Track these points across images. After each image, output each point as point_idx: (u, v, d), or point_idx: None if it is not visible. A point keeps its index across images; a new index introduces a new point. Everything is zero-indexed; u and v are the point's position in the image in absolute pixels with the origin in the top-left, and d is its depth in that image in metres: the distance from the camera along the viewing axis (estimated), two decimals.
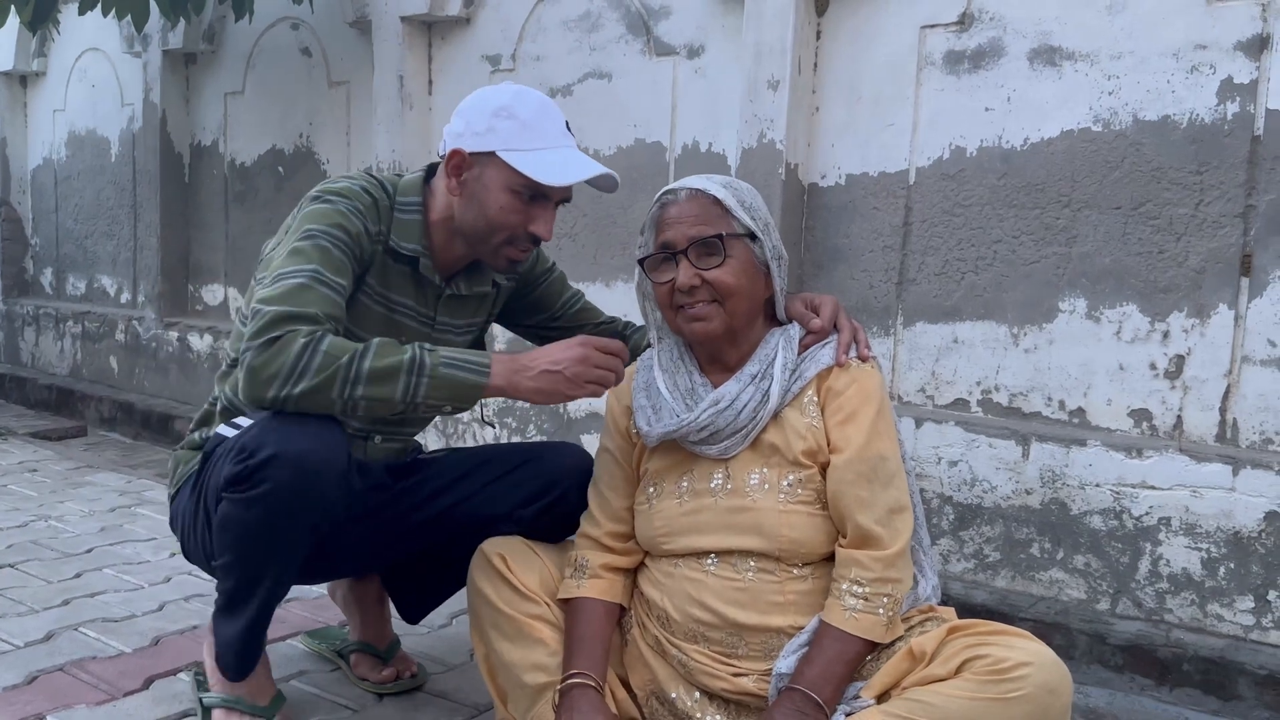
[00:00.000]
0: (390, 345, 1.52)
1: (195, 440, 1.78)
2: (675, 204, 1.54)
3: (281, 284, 1.53)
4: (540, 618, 1.59)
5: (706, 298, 1.52)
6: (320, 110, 4.04)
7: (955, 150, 2.57)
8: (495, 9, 3.45)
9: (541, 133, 1.64)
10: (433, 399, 1.52)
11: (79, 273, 5.32)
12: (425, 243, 1.73)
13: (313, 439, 1.50)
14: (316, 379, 1.46)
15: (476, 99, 1.68)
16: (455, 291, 1.80)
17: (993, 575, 2.49)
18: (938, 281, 2.62)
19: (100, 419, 4.67)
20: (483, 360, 1.54)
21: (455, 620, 2.32)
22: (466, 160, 1.65)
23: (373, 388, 1.48)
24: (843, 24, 2.74)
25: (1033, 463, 2.42)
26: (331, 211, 1.63)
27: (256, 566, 1.60)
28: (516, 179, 1.62)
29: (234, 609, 1.65)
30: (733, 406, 1.52)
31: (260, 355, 1.47)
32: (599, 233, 3.24)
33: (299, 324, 1.48)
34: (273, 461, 1.48)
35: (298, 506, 1.52)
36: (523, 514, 1.77)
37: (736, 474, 1.53)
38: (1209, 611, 2.22)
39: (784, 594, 1.48)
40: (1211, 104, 2.24)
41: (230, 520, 1.55)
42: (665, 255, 1.54)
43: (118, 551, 2.72)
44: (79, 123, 5.19)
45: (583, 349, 1.55)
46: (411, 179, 1.76)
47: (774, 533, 1.48)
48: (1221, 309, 2.25)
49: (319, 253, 1.58)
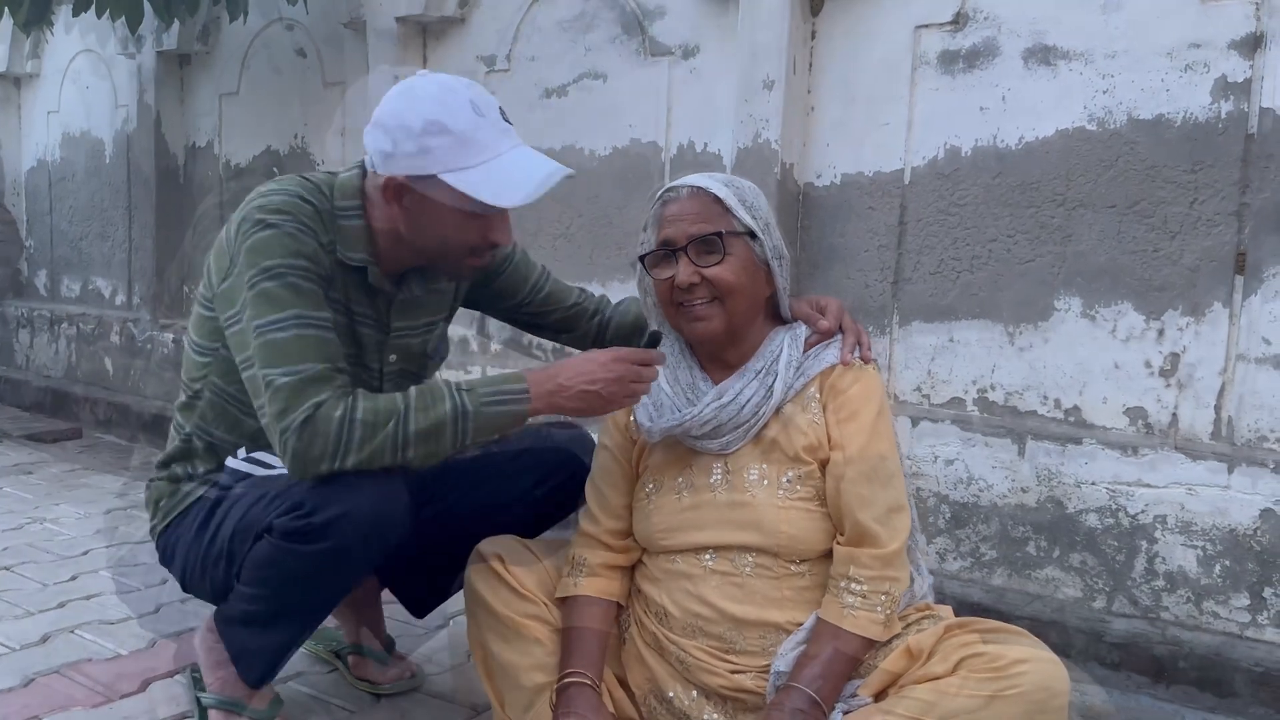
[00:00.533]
0: (426, 396, 1.48)
1: (178, 473, 1.74)
2: (676, 201, 1.54)
3: (270, 341, 1.48)
4: (537, 618, 1.59)
5: (706, 296, 1.52)
6: (315, 111, 4.04)
7: (950, 150, 2.58)
8: (490, 9, 3.45)
9: (480, 143, 1.52)
10: (480, 438, 1.52)
11: (74, 274, 5.31)
12: (371, 249, 1.63)
13: (377, 494, 1.50)
14: (364, 452, 1.45)
15: (397, 109, 1.53)
16: (409, 295, 1.72)
17: (989, 573, 2.49)
18: (933, 281, 2.62)
19: (96, 421, 4.66)
20: (519, 386, 1.52)
21: (452, 621, 2.32)
22: (405, 185, 1.55)
23: (422, 447, 1.47)
24: (837, 24, 2.75)
25: (1029, 461, 2.43)
26: (283, 238, 1.53)
27: (296, 605, 1.61)
28: (465, 199, 1.53)
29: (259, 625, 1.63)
30: (735, 401, 1.52)
31: (300, 441, 1.44)
32: (594, 233, 3.24)
33: (318, 391, 1.45)
34: (341, 520, 1.48)
35: (360, 561, 1.55)
36: (536, 494, 1.78)
37: (736, 470, 1.53)
38: (1205, 609, 2.23)
39: (782, 590, 1.49)
40: (1206, 103, 2.24)
41: (277, 564, 1.54)
42: (665, 252, 1.54)
43: (114, 554, 2.72)
44: (73, 124, 5.18)
45: (621, 368, 1.52)
46: (347, 179, 1.64)
47: (772, 529, 1.48)
48: (1216, 307, 2.25)
49: (291, 292, 1.51)
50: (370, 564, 1.57)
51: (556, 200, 3.30)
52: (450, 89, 1.54)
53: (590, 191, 3.24)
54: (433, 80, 1.56)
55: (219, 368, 1.67)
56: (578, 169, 3.25)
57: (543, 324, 2.00)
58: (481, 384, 1.52)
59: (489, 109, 1.56)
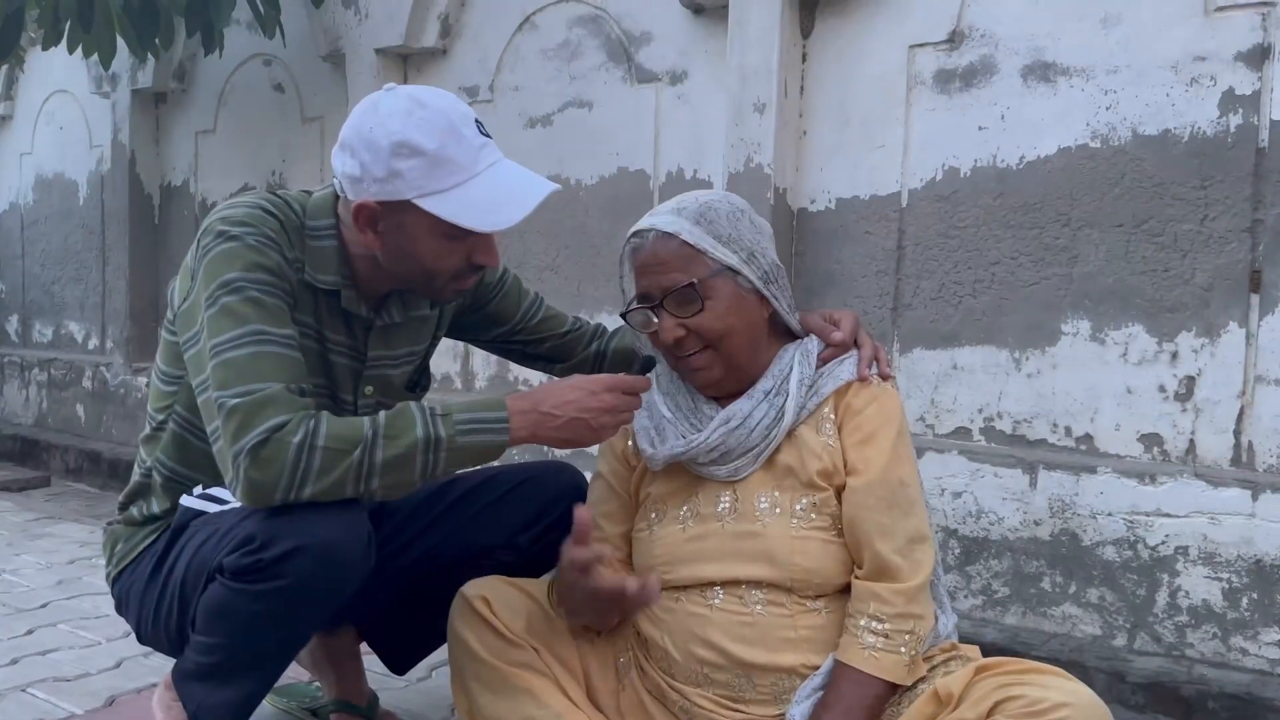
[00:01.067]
0: (396, 421, 1.35)
1: (134, 516, 1.61)
2: (641, 250, 1.44)
3: (226, 360, 1.35)
4: (528, 665, 1.45)
5: (697, 346, 1.42)
6: (293, 146, 3.95)
7: (948, 171, 2.50)
8: (472, 40, 3.38)
9: (455, 163, 1.40)
10: (452, 468, 1.39)
11: (46, 319, 5.17)
12: (345, 271, 1.51)
13: (335, 525, 1.35)
14: (324, 482, 1.31)
15: (364, 128, 1.41)
16: (388, 321, 1.59)
17: (1002, 612, 2.37)
18: (934, 306, 2.53)
19: (66, 469, 4.50)
20: (499, 415, 1.39)
21: (435, 672, 2.17)
22: (378, 211, 1.43)
23: (388, 478, 1.34)
24: (829, 46, 2.68)
25: (1041, 492, 2.32)
26: (243, 250, 1.41)
27: (254, 652, 1.44)
28: (444, 224, 1.41)
29: (217, 679, 1.47)
30: (745, 425, 1.41)
31: (253, 467, 1.30)
32: (582, 264, 3.14)
33: (276, 412, 1.31)
34: (294, 555, 1.33)
35: (319, 600, 1.38)
36: (520, 540, 1.65)
37: (745, 497, 1.41)
38: (1232, 645, 2.11)
39: (796, 629, 1.36)
40: (1213, 116, 2.17)
41: (229, 608, 1.39)
42: (644, 308, 1.44)
43: (75, 606, 2.56)
44: (46, 166, 5.07)
45: (613, 398, 1.41)
46: (321, 199, 1.54)
47: (786, 561, 1.36)
48: (1232, 327, 2.16)
49: (252, 307, 1.38)
50: (331, 603, 1.41)
51: (542, 232, 3.20)
52: (420, 103, 1.42)
53: (577, 222, 3.14)
54: (401, 94, 1.43)
55: (184, 397, 1.55)
56: (565, 199, 3.16)
57: (535, 353, 1.88)
58: (458, 409, 1.39)
59: (464, 122, 1.43)
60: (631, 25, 3.02)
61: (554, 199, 2.63)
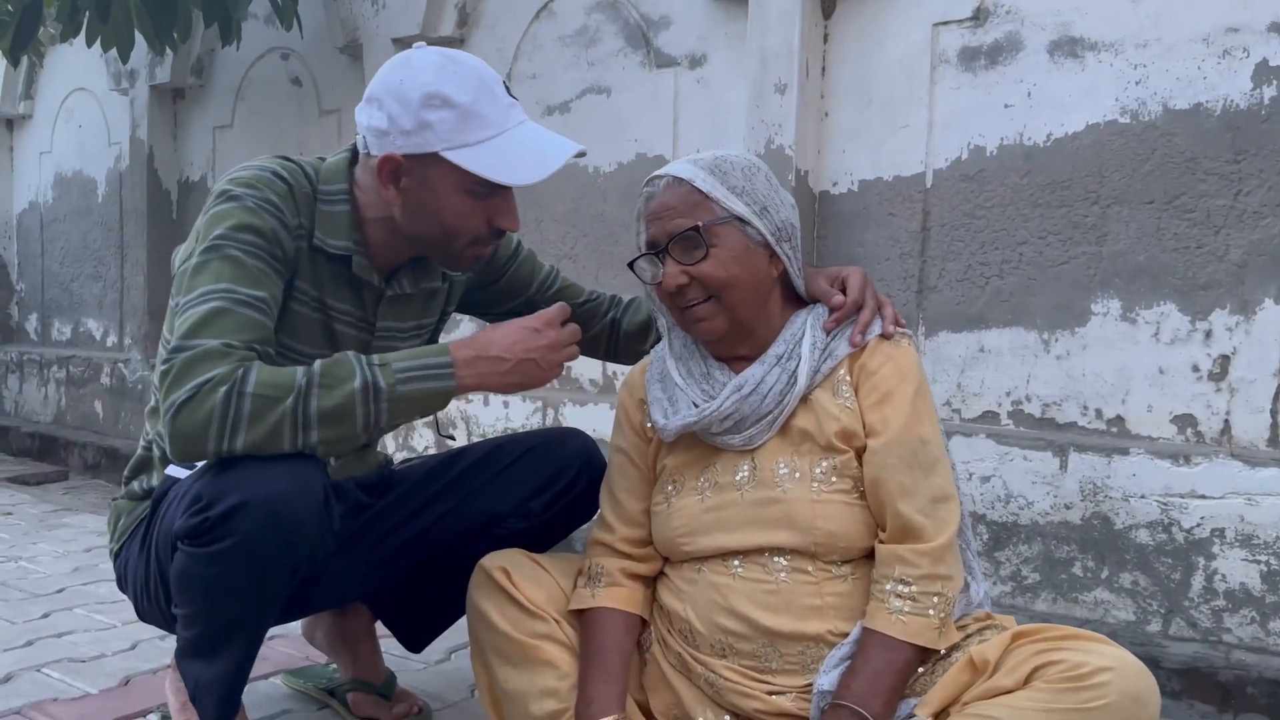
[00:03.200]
0: (332, 369, 1.30)
1: (135, 490, 1.58)
2: (655, 196, 1.40)
3: (189, 316, 1.31)
4: (549, 637, 1.42)
5: (700, 295, 1.38)
6: (311, 139, 3.94)
7: (974, 150, 2.45)
8: (490, 28, 3.36)
9: (485, 117, 1.38)
10: (399, 420, 1.34)
11: (65, 317, 5.18)
12: (357, 237, 1.49)
13: (284, 477, 1.28)
14: (256, 432, 1.26)
15: (393, 82, 1.39)
16: (398, 291, 1.56)
17: (1032, 598, 2.31)
18: (960, 288, 2.48)
19: (84, 465, 4.50)
20: (442, 360, 1.35)
21: (454, 655, 2.14)
22: (403, 165, 1.40)
23: (328, 429, 1.28)
24: (850, 26, 2.64)
25: (1071, 475, 2.26)
26: (237, 210, 1.39)
27: (227, 619, 1.39)
28: (470, 179, 1.39)
29: (206, 654, 1.43)
30: (758, 391, 1.37)
31: (178, 417, 1.25)
32: (600, 251, 3.11)
33: (212, 365, 1.26)
34: (239, 511, 1.27)
35: (272, 559, 1.32)
36: (532, 505, 1.61)
37: (763, 465, 1.37)
38: (1271, 629, 2.05)
39: (821, 596, 1.32)
40: (1247, 89, 2.12)
41: (189, 575, 1.34)
42: (651, 254, 1.40)
43: (90, 590, 2.54)
44: (65, 164, 5.08)
45: (553, 332, 1.40)
46: (335, 163, 1.51)
47: (808, 525, 1.32)
48: (1267, 304, 2.11)
49: (229, 265, 1.35)
50: (291, 561, 1.33)
51: (559, 220, 3.18)
52: (451, 59, 1.41)
53: (595, 209, 3.11)
54: (431, 51, 1.42)
55: None
56: (583, 186, 3.14)
57: None
58: (398, 358, 1.34)
59: (494, 81, 1.43)
60: (650, 9, 2.99)
61: (572, 187, 2.61)
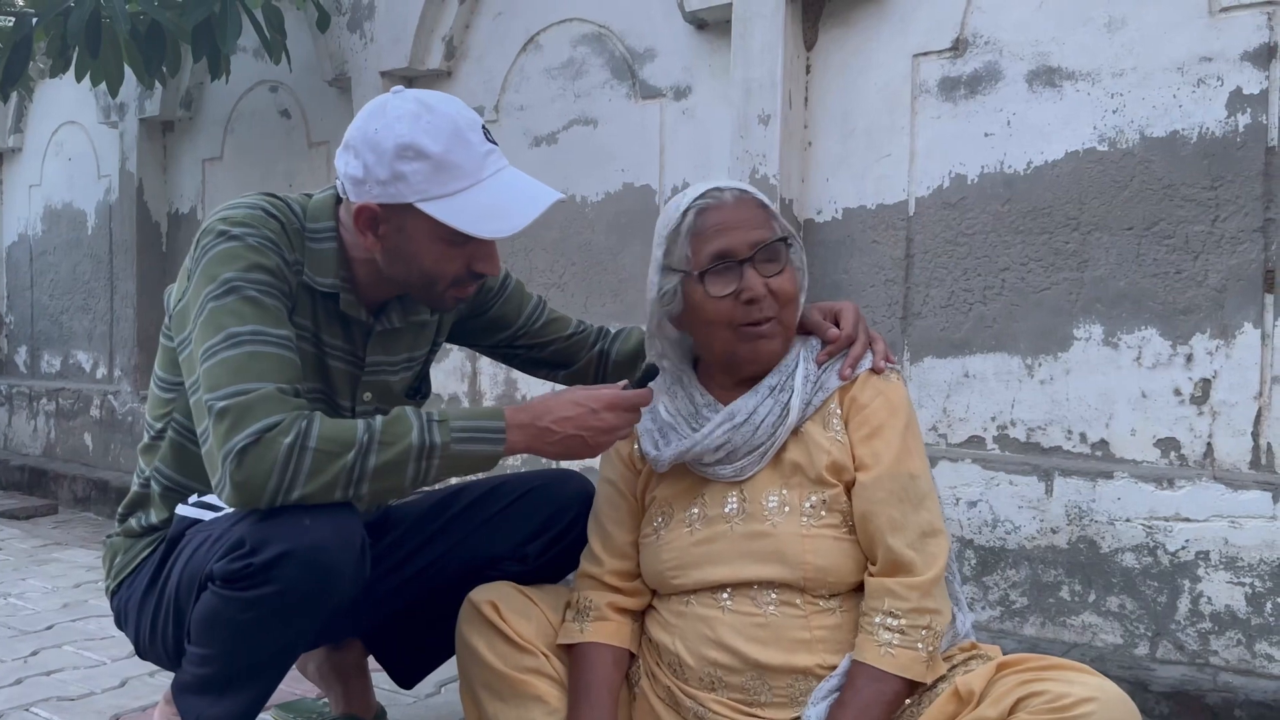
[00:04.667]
0: (392, 426, 1.32)
1: (134, 527, 1.58)
2: (721, 208, 1.39)
3: (224, 360, 1.32)
4: (538, 671, 1.42)
5: (772, 311, 1.38)
6: (300, 171, 3.96)
7: (955, 178, 2.48)
8: (477, 61, 3.40)
9: (460, 168, 1.39)
10: (443, 476, 1.36)
11: (54, 349, 5.17)
12: (344, 274, 1.50)
13: (327, 527, 1.31)
14: (313, 485, 1.29)
15: (369, 130, 1.40)
16: (387, 326, 1.57)
17: (1020, 622, 2.32)
18: (944, 314, 2.50)
19: (74, 498, 4.48)
20: (496, 424, 1.37)
21: (444, 689, 2.14)
22: (380, 214, 1.41)
23: (379, 483, 1.31)
24: (832, 57, 2.68)
25: (1057, 499, 2.28)
26: (243, 250, 1.39)
27: (249, 662, 1.41)
28: (445, 229, 1.39)
29: (215, 691, 1.43)
30: (750, 421, 1.38)
31: (240, 468, 1.27)
32: (588, 280, 3.13)
33: (268, 412, 1.29)
34: (284, 560, 1.29)
35: (308, 609, 1.35)
36: (528, 550, 1.61)
37: (753, 497, 1.38)
38: (1258, 651, 2.06)
39: (810, 629, 1.33)
40: (1221, 117, 2.16)
41: (218, 616, 1.36)
42: (724, 265, 1.37)
43: (80, 627, 2.53)
44: (55, 197, 5.10)
45: (613, 418, 1.38)
46: (321, 201, 1.51)
47: (797, 559, 1.33)
48: (1247, 328, 2.14)
49: (250, 307, 1.36)
50: (324, 611, 1.36)
51: (547, 249, 3.20)
52: (427, 107, 1.41)
53: (583, 239, 3.14)
54: (409, 97, 1.42)
55: (182, 404, 1.53)
56: (570, 215, 3.16)
57: (539, 358, 1.85)
58: (455, 416, 1.36)
59: (471, 128, 1.42)
60: (635, 42, 3.02)
61: (560, 216, 2.60)
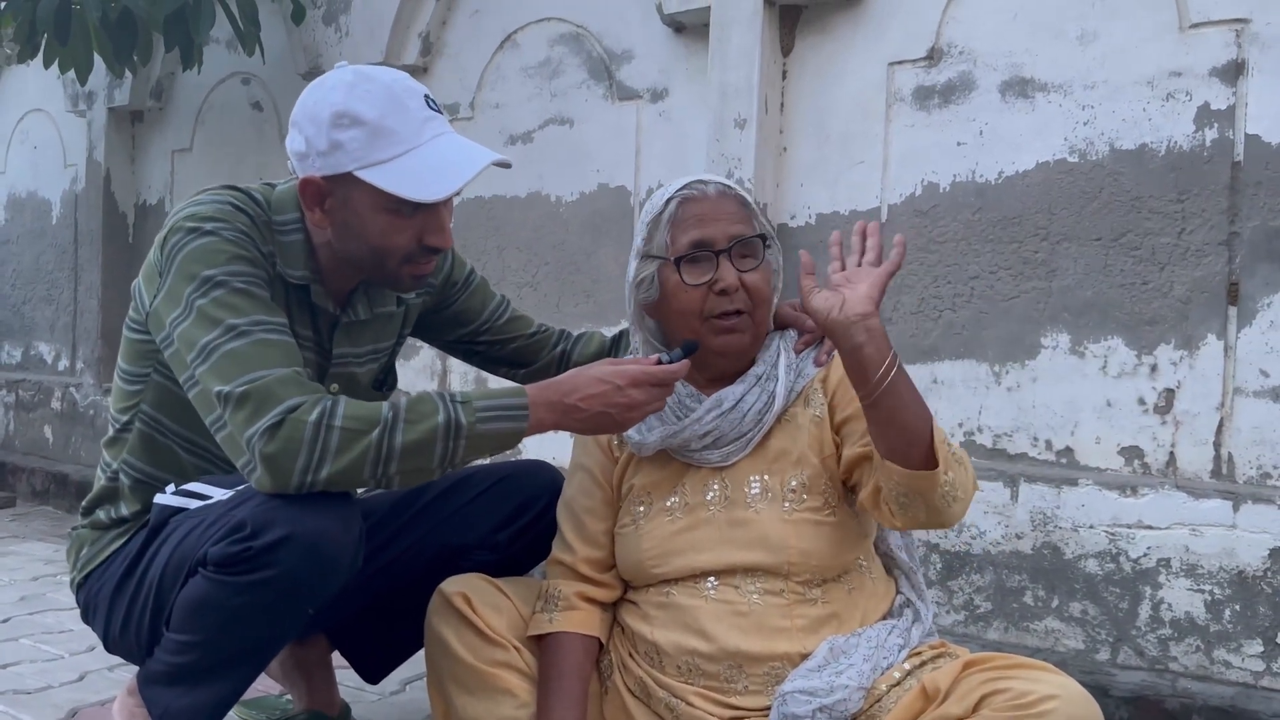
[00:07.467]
0: (417, 405, 1.32)
1: (101, 519, 1.56)
2: (703, 200, 1.42)
3: (230, 350, 1.32)
4: (508, 665, 1.42)
5: (743, 304, 1.40)
6: (271, 164, 3.92)
7: (928, 186, 2.51)
8: (453, 58, 3.39)
9: (396, 134, 1.38)
10: (470, 457, 1.35)
11: (15, 340, 5.09)
12: (313, 265, 1.50)
13: (329, 516, 1.31)
14: (342, 462, 1.27)
15: (309, 103, 1.41)
16: (353, 318, 1.56)
17: (984, 627, 2.35)
18: (914, 320, 2.53)
19: (32, 492, 4.41)
20: (520, 401, 1.35)
21: (409, 686, 2.12)
22: (323, 186, 1.41)
23: (407, 463, 1.30)
24: (808, 63, 2.70)
25: (1022, 505, 2.31)
26: (219, 244, 1.38)
27: (231, 651, 1.39)
28: (386, 197, 1.39)
29: (186, 682, 1.41)
30: (737, 408, 1.41)
31: (270, 446, 1.26)
32: (562, 280, 3.13)
33: (289, 393, 1.28)
34: (284, 544, 1.29)
35: (304, 594, 1.34)
36: (499, 538, 1.61)
37: (735, 484, 1.40)
38: (1216, 658, 2.09)
39: (791, 618, 1.34)
40: (1189, 131, 2.20)
41: (212, 602, 1.34)
42: (700, 255, 1.40)
43: (38, 620, 2.49)
44: (19, 185, 5.01)
45: (641, 394, 1.35)
46: (285, 191, 1.50)
47: (780, 544, 1.35)
48: (1210, 340, 2.17)
49: (243, 298, 1.36)
50: (318, 599, 1.37)
51: (521, 248, 3.19)
52: (365, 76, 1.41)
53: (557, 238, 3.13)
54: (348, 70, 1.42)
55: (151, 395, 1.52)
56: (545, 215, 3.16)
57: (499, 355, 1.85)
58: (476, 396, 1.35)
59: (409, 95, 1.42)
60: (613, 43, 3.03)
61: (534, 215, 2.59)
